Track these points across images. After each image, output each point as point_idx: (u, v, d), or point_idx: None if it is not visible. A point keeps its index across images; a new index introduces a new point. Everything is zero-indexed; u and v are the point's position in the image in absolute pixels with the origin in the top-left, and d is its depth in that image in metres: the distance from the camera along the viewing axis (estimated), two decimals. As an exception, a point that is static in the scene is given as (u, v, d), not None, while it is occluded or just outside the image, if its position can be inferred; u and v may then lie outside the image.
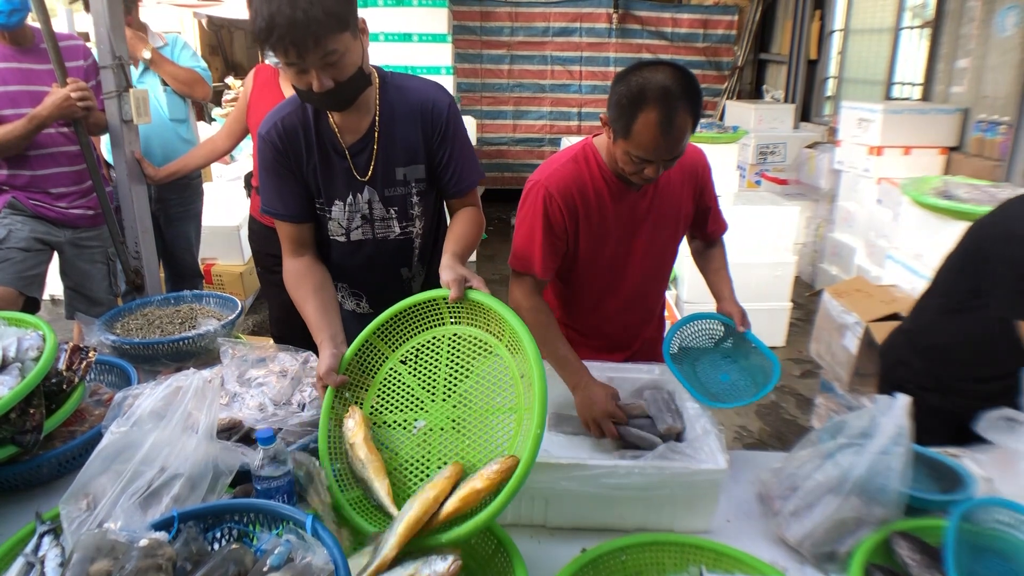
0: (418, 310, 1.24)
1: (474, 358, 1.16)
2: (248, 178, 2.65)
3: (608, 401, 1.38)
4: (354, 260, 1.58)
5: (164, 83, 2.93)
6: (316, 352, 1.58)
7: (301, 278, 1.46)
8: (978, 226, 1.64)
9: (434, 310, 1.23)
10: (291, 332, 2.70)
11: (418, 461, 1.12)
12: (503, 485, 0.98)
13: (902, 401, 1.21)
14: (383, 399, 1.21)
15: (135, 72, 2.84)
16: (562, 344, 1.48)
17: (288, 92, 2.42)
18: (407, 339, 1.24)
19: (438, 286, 1.23)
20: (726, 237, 1.75)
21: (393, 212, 1.53)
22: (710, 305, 1.67)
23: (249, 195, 2.71)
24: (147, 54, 2.79)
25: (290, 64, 1.23)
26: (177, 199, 3.04)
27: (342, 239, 1.55)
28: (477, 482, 1.00)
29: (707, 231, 1.71)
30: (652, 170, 1.38)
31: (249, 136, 2.66)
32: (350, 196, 1.49)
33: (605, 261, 1.58)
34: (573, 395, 1.44)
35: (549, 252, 1.51)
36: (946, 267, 1.73)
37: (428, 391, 1.18)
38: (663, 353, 1.55)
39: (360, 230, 1.53)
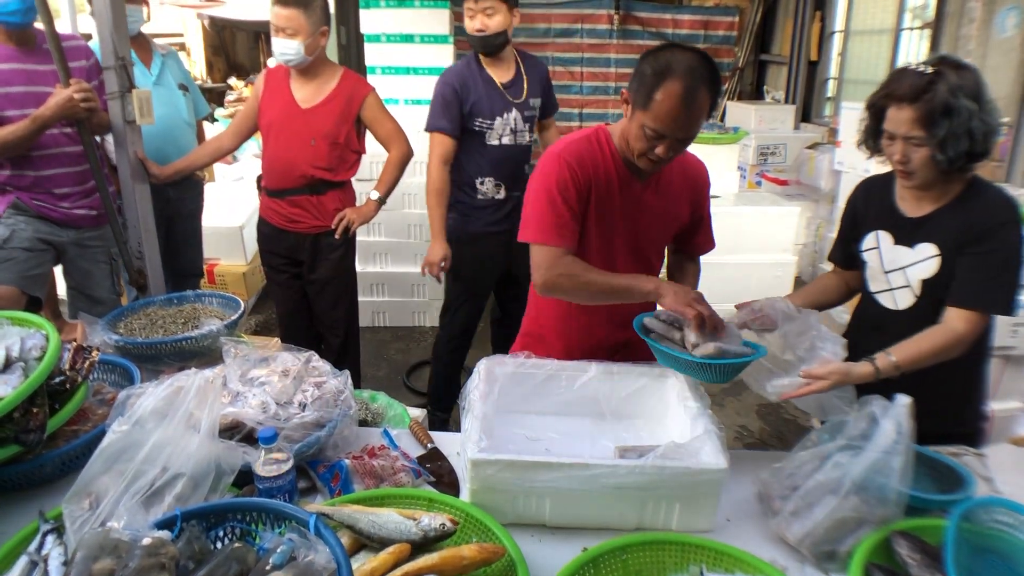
0: None
1: None
2: (259, 180, 2.66)
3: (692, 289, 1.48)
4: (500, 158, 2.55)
5: (180, 87, 2.96)
6: (319, 352, 1.60)
7: (444, 184, 2.52)
8: None
9: None
10: (297, 331, 2.74)
11: None
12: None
13: (902, 401, 1.21)
14: None
15: (151, 75, 2.86)
16: (611, 275, 1.48)
17: (298, 94, 2.45)
18: None
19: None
20: (722, 237, 1.77)
21: (527, 126, 2.59)
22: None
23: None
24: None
25: (469, 8, 2.40)
26: (191, 196, 3.06)
27: (496, 143, 2.53)
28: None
29: (694, 243, 1.72)
30: (663, 148, 1.39)
31: (253, 137, 2.68)
32: (504, 114, 2.52)
33: (604, 248, 1.57)
34: (659, 300, 1.46)
35: (571, 219, 1.48)
36: None
37: None
38: (634, 326, 1.51)
39: (507, 137, 2.55)
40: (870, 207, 1.61)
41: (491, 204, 2.62)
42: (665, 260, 1.81)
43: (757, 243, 3.94)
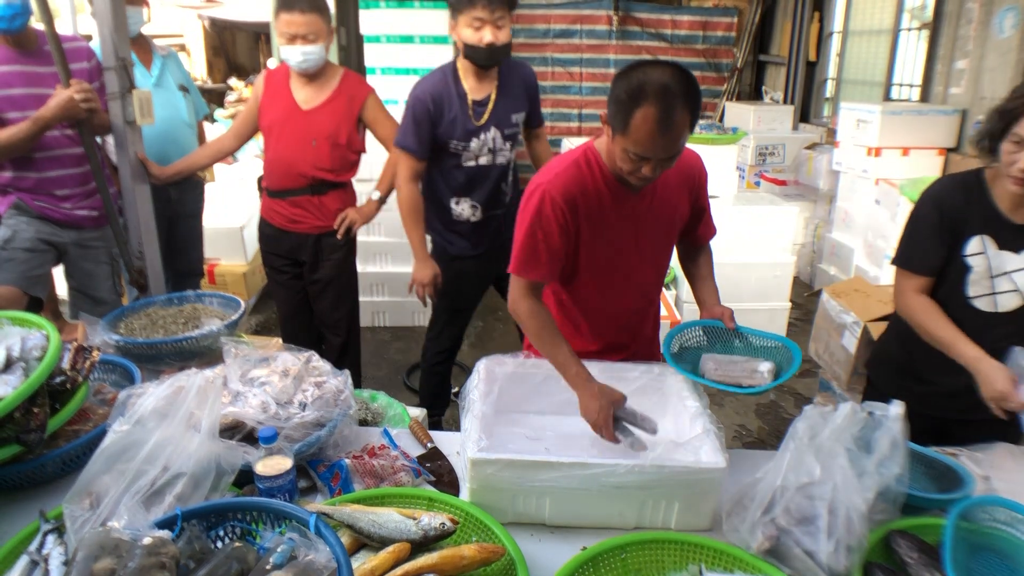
0: None
1: None
2: (260, 181, 2.67)
3: (604, 410, 1.36)
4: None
5: (180, 88, 2.97)
6: (319, 352, 1.60)
7: (416, 203, 2.39)
8: None
9: None
10: (298, 332, 2.74)
11: None
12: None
13: (896, 409, 1.22)
14: None
15: (152, 77, 2.87)
16: (561, 348, 1.48)
17: (298, 95, 2.45)
18: None
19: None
20: (721, 237, 1.77)
21: (507, 144, 2.40)
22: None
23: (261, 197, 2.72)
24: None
25: (478, 19, 2.15)
26: (192, 197, 3.07)
27: (472, 164, 2.36)
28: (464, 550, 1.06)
29: (697, 234, 1.72)
30: (649, 168, 1.38)
31: (254, 138, 2.69)
32: (482, 134, 2.33)
33: (606, 263, 1.58)
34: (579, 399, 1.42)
35: (551, 256, 1.51)
36: None
37: None
38: (663, 352, 1.55)
39: (484, 157, 2.37)
40: (970, 210, 1.59)
41: (468, 226, 2.46)
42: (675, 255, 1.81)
43: (756, 243, 3.94)
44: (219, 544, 1.00)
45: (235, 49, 8.83)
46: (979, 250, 1.59)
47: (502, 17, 2.19)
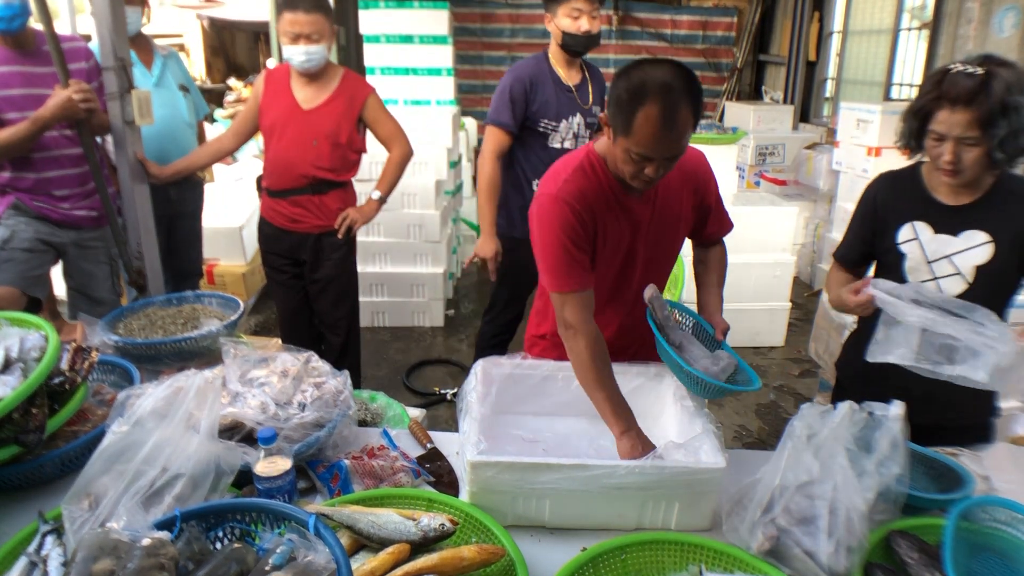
0: None
1: None
2: (259, 180, 2.67)
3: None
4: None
5: (181, 88, 2.97)
6: (319, 352, 1.59)
7: (496, 180, 2.56)
8: None
9: None
10: (298, 332, 2.74)
11: None
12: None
13: (896, 410, 1.22)
14: None
15: (152, 76, 2.87)
16: (614, 388, 1.42)
17: (299, 95, 2.45)
18: None
19: None
20: (726, 237, 1.75)
21: (588, 133, 2.64)
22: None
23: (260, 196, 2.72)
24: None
25: (577, 9, 2.43)
26: (191, 197, 3.08)
27: (558, 146, 2.58)
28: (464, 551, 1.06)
29: (708, 232, 1.70)
30: (652, 169, 1.36)
31: (253, 138, 2.69)
32: (570, 117, 2.57)
33: (611, 268, 1.57)
34: (617, 440, 1.36)
35: (586, 263, 1.48)
36: None
37: None
38: (647, 318, 1.48)
39: (568, 141, 2.59)
40: (900, 200, 1.61)
41: None
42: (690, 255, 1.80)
43: (756, 243, 3.94)
44: (218, 545, 1.00)
45: (234, 49, 8.83)
46: (911, 236, 1.58)
47: (596, 9, 2.48)
